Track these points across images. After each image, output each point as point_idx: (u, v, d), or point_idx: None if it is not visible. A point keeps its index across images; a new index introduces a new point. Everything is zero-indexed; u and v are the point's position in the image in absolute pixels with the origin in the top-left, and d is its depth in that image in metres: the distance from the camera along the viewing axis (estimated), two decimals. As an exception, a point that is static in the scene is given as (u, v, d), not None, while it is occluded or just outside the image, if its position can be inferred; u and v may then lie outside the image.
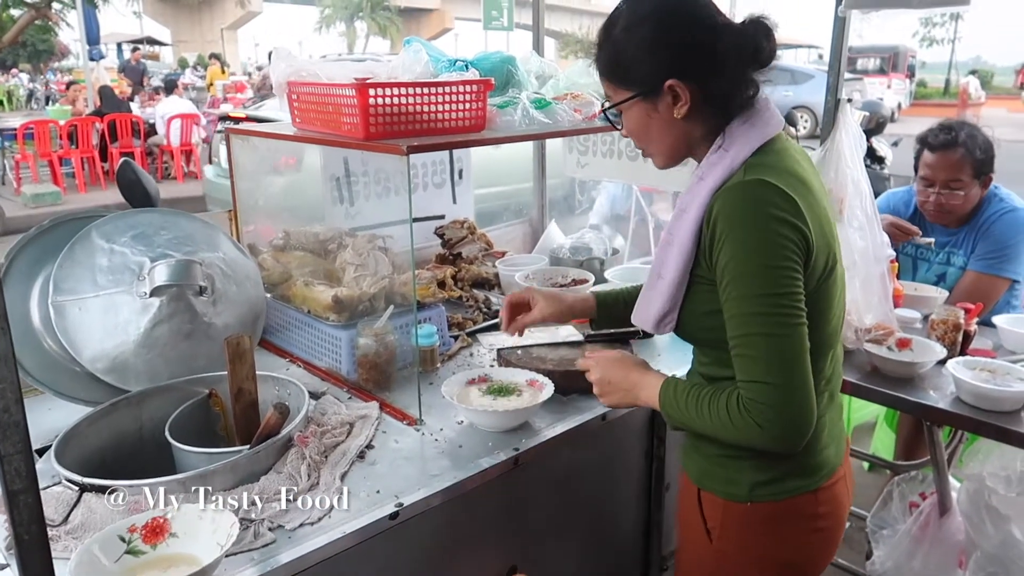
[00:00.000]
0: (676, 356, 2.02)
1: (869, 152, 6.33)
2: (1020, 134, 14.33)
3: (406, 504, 1.40)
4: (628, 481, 1.95)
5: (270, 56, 2.14)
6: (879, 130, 6.62)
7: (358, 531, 1.33)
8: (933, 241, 2.63)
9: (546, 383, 1.76)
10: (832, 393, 1.41)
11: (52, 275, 1.69)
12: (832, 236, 1.30)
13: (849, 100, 2.23)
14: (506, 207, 3.73)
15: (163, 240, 1.83)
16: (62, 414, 1.68)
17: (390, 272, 2.00)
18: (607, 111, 1.39)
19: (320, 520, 1.34)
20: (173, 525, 1.22)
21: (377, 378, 1.84)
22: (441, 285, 2.36)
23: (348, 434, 1.63)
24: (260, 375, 1.65)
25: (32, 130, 9.76)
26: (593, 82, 1.44)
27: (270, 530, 1.30)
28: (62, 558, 1.17)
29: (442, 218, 2.78)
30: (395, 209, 2.55)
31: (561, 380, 1.78)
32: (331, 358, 1.97)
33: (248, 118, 6.55)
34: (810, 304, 1.23)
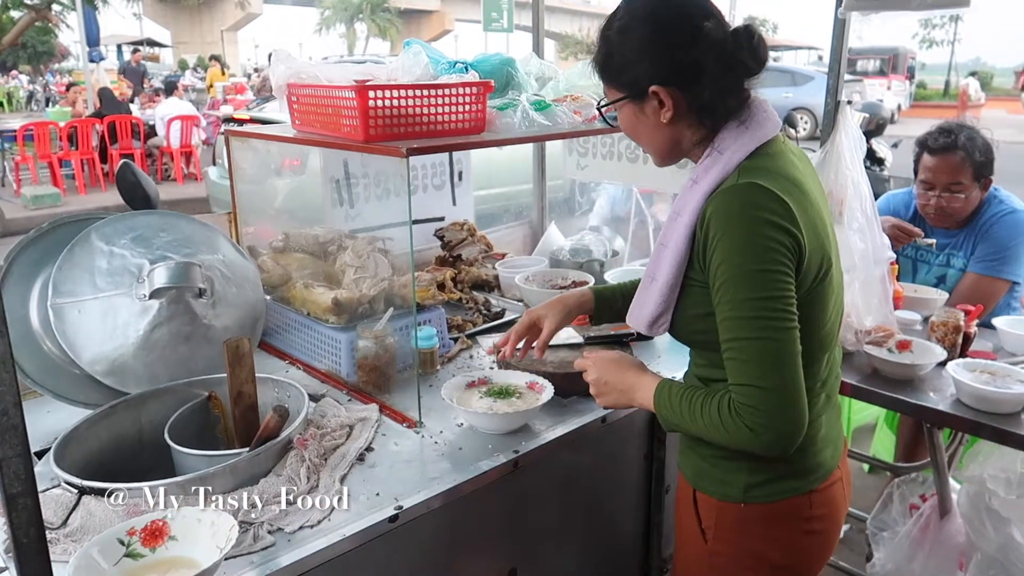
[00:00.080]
0: (676, 358, 2.02)
1: (869, 154, 6.33)
2: (1020, 135, 14.36)
3: (406, 507, 1.40)
4: (628, 484, 1.94)
5: (269, 58, 2.14)
6: (879, 132, 6.62)
7: (358, 534, 1.33)
8: (935, 242, 2.63)
9: (546, 385, 1.76)
10: (829, 395, 1.41)
11: (51, 277, 1.69)
12: (827, 239, 1.29)
13: (849, 102, 2.23)
14: (506, 209, 3.73)
15: (162, 242, 1.83)
16: (61, 416, 1.69)
17: (390, 274, 2.00)
18: (600, 107, 1.42)
19: (320, 523, 1.34)
20: (172, 528, 1.22)
21: (377, 380, 1.84)
22: (441, 287, 2.35)
23: (348, 436, 1.63)
24: (260, 377, 1.65)
25: (32, 132, 9.78)
26: (593, 84, 1.45)
27: (269, 533, 1.30)
28: (61, 561, 1.16)
29: (442, 220, 2.78)
30: (395, 211, 2.55)
31: (561, 382, 1.78)
32: (331, 360, 1.97)
33: (252, 120, 6.53)
34: (805, 307, 1.22)
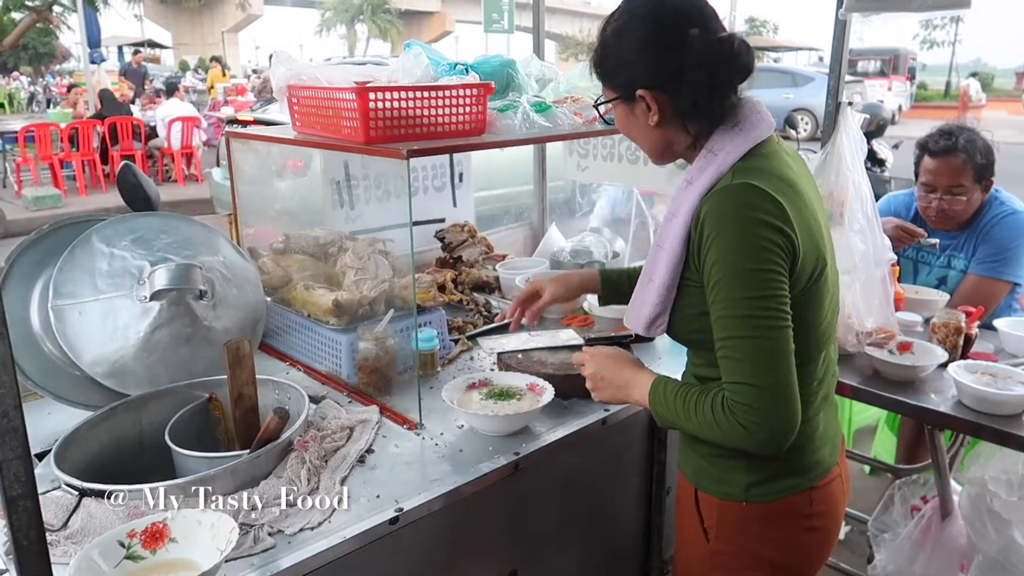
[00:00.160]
0: (677, 360, 2.01)
1: (870, 155, 6.33)
2: (1021, 136, 14.36)
3: (406, 509, 1.40)
4: (629, 485, 1.94)
5: (270, 59, 2.14)
6: (880, 133, 6.62)
7: (358, 536, 1.33)
8: (938, 242, 2.63)
9: (546, 387, 1.76)
10: (827, 394, 1.42)
11: (52, 279, 1.69)
12: (822, 239, 1.30)
13: (850, 103, 2.23)
14: (506, 210, 3.72)
15: (163, 244, 1.83)
16: (62, 418, 1.69)
17: (390, 276, 2.00)
18: (596, 105, 1.44)
19: (320, 525, 1.34)
20: (172, 530, 1.22)
21: (377, 382, 1.84)
22: (441, 289, 2.35)
23: (348, 438, 1.63)
24: (260, 379, 1.65)
25: (33, 133, 9.78)
26: (593, 86, 1.45)
27: (270, 535, 1.30)
28: (61, 563, 1.16)
29: (442, 221, 2.78)
30: (395, 213, 2.55)
31: (561, 384, 1.78)
32: (331, 362, 1.96)
33: (256, 121, 6.52)
34: (800, 307, 1.23)
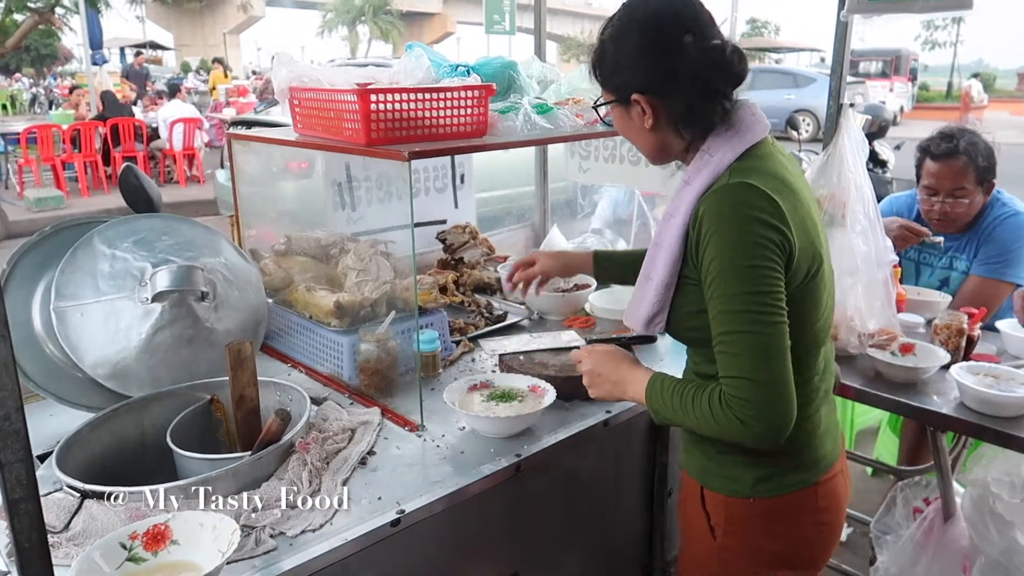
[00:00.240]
0: (678, 361, 2.00)
1: (871, 156, 6.33)
2: (1022, 137, 14.32)
3: (408, 511, 1.40)
4: (630, 487, 1.94)
5: (273, 60, 2.14)
6: (881, 134, 6.62)
7: (359, 538, 1.33)
8: (942, 240, 2.62)
9: (548, 389, 1.76)
10: (827, 389, 1.43)
11: (54, 281, 1.69)
12: (817, 237, 1.32)
13: (851, 104, 2.23)
14: (508, 211, 3.73)
15: (165, 245, 1.83)
16: (64, 420, 1.69)
17: (392, 277, 2.00)
18: (595, 106, 1.46)
19: (322, 527, 1.34)
20: (174, 532, 1.22)
21: (379, 384, 1.84)
22: (443, 290, 2.35)
23: (350, 440, 1.63)
24: (262, 381, 1.65)
25: (35, 134, 9.80)
26: (594, 87, 1.45)
27: (271, 537, 1.30)
28: (63, 565, 1.17)
29: (444, 223, 2.78)
30: (397, 214, 2.55)
31: (563, 386, 1.78)
32: (333, 363, 1.96)
33: (260, 122, 6.50)
34: (797, 303, 1.25)
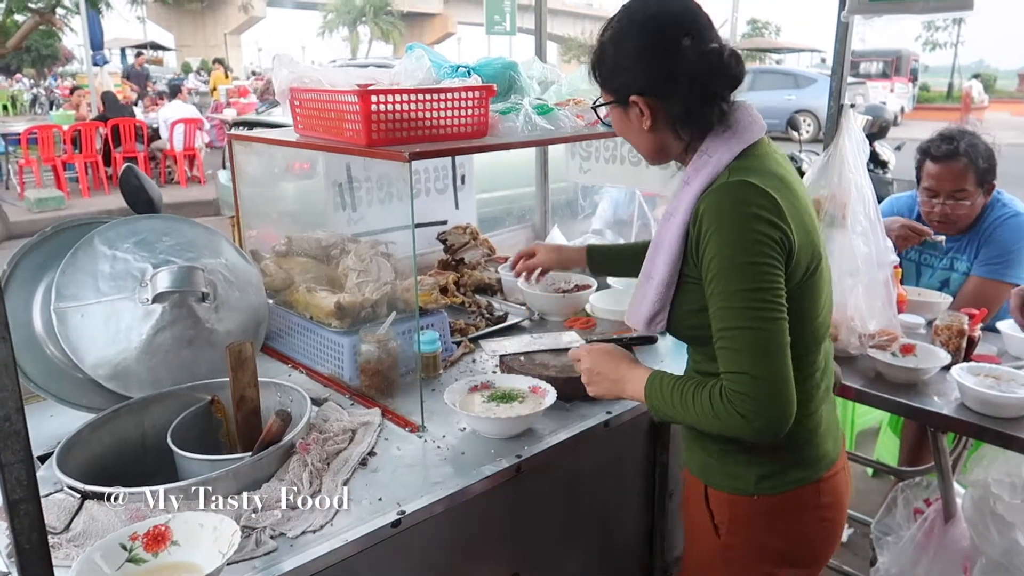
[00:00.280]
0: (679, 362, 2.00)
1: (872, 157, 6.33)
2: (1023, 138, 14.31)
3: (408, 512, 1.40)
4: (631, 488, 1.94)
5: (274, 61, 2.14)
6: (882, 134, 6.62)
7: (360, 539, 1.33)
8: (944, 238, 2.62)
9: (549, 389, 1.76)
10: (827, 387, 1.44)
11: (54, 281, 1.69)
12: (815, 234, 1.33)
13: (852, 105, 2.23)
14: (509, 212, 3.73)
15: (165, 246, 1.83)
16: (64, 420, 1.69)
17: (392, 278, 1.99)
18: (594, 107, 1.47)
19: (322, 528, 1.34)
20: (175, 533, 1.22)
21: (379, 384, 1.84)
22: (443, 291, 2.35)
23: (350, 441, 1.63)
24: (262, 381, 1.65)
25: (36, 135, 9.80)
26: (595, 88, 1.46)
27: (272, 538, 1.30)
28: (63, 566, 1.17)
29: (444, 223, 2.78)
30: (397, 215, 2.55)
31: (564, 386, 1.78)
32: (333, 364, 1.96)
33: (262, 123, 6.49)
34: (798, 300, 1.27)
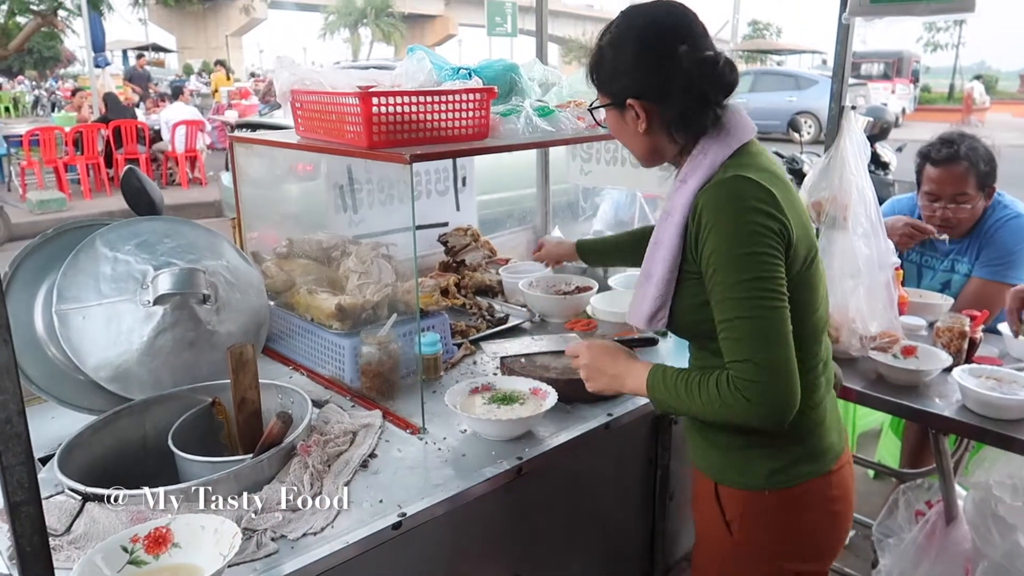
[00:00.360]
0: (681, 364, 2.00)
1: (873, 158, 6.33)
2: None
3: (409, 514, 1.40)
4: (632, 490, 1.94)
5: (275, 63, 2.14)
6: (883, 136, 6.62)
7: (361, 541, 1.33)
8: (947, 237, 2.62)
9: (550, 391, 1.76)
10: (828, 379, 1.45)
11: (56, 283, 1.69)
12: (811, 228, 1.37)
13: (853, 106, 2.23)
14: (510, 214, 3.72)
15: (167, 248, 1.83)
16: (65, 422, 1.69)
17: (393, 280, 2.00)
18: (591, 109, 1.49)
19: (323, 530, 1.34)
20: (176, 535, 1.22)
21: (380, 386, 1.84)
22: (444, 293, 2.35)
23: (351, 443, 1.63)
24: (263, 383, 1.65)
25: (38, 137, 9.82)
26: (595, 90, 1.47)
27: (272, 540, 1.30)
28: (64, 568, 1.17)
29: (445, 225, 2.77)
30: (398, 217, 2.55)
31: (565, 388, 1.78)
32: (334, 366, 1.96)
33: (264, 124, 6.49)
34: (797, 290, 1.29)
